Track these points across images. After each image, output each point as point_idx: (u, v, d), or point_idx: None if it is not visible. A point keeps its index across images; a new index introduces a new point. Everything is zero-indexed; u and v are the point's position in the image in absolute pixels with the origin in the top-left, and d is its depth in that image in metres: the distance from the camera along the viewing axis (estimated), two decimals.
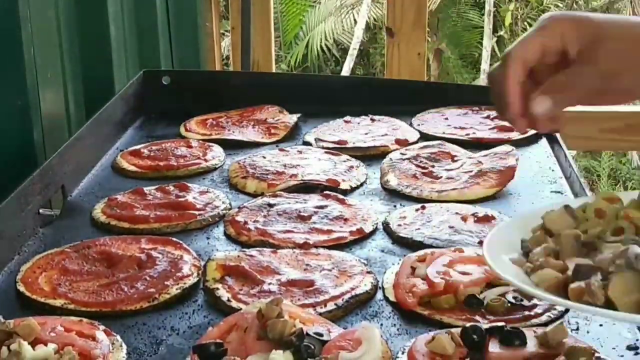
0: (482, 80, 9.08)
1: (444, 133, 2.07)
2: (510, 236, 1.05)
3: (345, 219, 1.61)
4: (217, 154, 2.01)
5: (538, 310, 1.25)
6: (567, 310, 1.26)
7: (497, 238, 1.04)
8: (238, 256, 1.44)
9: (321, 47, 10.16)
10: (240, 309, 1.25)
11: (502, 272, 0.96)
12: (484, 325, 1.14)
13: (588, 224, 1.02)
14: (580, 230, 1.02)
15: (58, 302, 1.32)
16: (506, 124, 2.10)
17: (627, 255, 0.86)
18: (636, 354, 1.16)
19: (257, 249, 1.48)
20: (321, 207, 1.65)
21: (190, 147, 2.03)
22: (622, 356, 1.15)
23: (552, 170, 1.85)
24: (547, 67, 1.06)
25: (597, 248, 0.96)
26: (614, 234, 0.98)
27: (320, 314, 1.25)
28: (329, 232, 1.56)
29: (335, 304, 1.29)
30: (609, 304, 0.87)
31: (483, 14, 9.86)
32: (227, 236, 1.58)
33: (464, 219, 1.58)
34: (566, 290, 0.91)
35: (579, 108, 1.07)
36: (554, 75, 1.04)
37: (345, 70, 9.23)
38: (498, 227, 1.10)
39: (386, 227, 1.58)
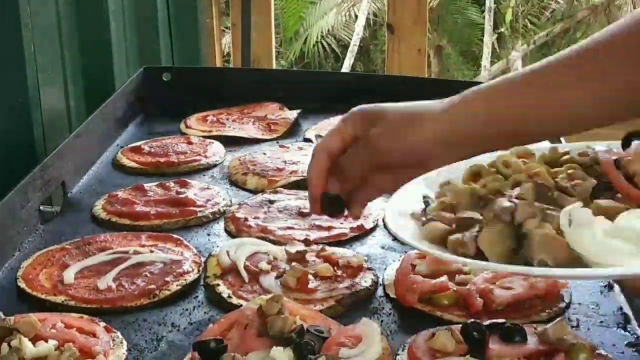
0: (482, 77, 9.09)
1: None
2: (418, 193, 1.07)
3: (346, 216, 1.61)
4: (217, 150, 2.01)
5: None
6: (567, 307, 1.27)
7: (404, 193, 1.06)
8: None
9: (321, 43, 10.16)
10: (241, 305, 1.25)
11: (393, 226, 0.98)
12: (485, 321, 1.14)
13: (488, 179, 1.01)
14: (480, 184, 1.01)
15: (58, 299, 1.33)
16: None
17: (494, 207, 0.88)
18: (636, 351, 1.16)
19: None
20: None
21: (190, 143, 2.03)
22: (622, 353, 1.15)
23: None
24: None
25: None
26: (513, 188, 0.97)
27: (321, 311, 1.25)
28: (330, 228, 1.56)
29: (336, 301, 1.29)
30: (481, 255, 0.88)
31: (484, 11, 9.85)
32: (228, 232, 1.58)
33: None
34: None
35: None
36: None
37: (346, 67, 9.23)
38: (410, 184, 1.11)
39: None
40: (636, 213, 0.85)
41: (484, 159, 1.09)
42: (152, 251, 1.46)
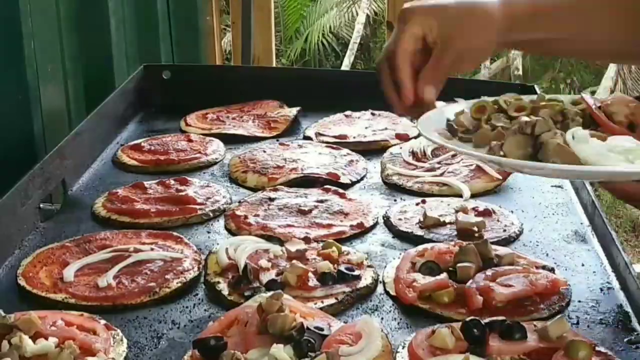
0: (482, 75, 9.08)
1: None
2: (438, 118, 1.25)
3: (346, 213, 1.61)
4: (217, 148, 2.01)
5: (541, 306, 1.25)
6: (567, 305, 1.27)
7: (428, 118, 1.23)
8: None
9: (321, 41, 10.15)
10: (241, 303, 1.25)
11: (430, 136, 1.17)
12: (485, 319, 1.14)
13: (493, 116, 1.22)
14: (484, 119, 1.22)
15: (59, 297, 1.33)
16: None
17: (519, 121, 1.13)
18: (636, 348, 1.16)
19: None
20: (321, 201, 1.66)
21: (190, 141, 2.03)
22: (622, 350, 1.16)
23: None
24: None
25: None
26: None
27: (321, 308, 1.25)
28: (330, 226, 1.56)
29: (336, 298, 1.29)
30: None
31: None
32: (228, 230, 1.58)
33: (465, 213, 1.58)
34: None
35: None
36: (425, 64, 1.26)
37: (346, 65, 9.22)
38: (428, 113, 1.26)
39: (386, 221, 1.59)
40: (621, 137, 1.08)
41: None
42: (152, 249, 1.46)
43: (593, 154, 1.05)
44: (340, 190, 1.72)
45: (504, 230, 1.52)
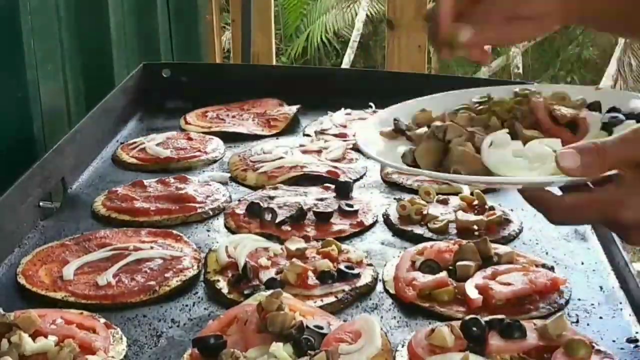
0: (482, 73, 9.08)
1: None
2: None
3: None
4: (217, 146, 2.00)
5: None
6: (567, 303, 1.27)
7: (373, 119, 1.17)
8: None
9: (322, 39, 10.15)
10: (241, 301, 1.25)
11: (364, 146, 1.07)
12: (484, 317, 1.14)
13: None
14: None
15: (58, 295, 1.33)
16: None
17: (432, 127, 1.07)
18: (636, 346, 1.16)
19: None
20: (321, 199, 1.66)
21: (190, 139, 2.03)
22: (621, 349, 1.16)
23: None
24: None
25: None
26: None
27: (320, 307, 1.25)
28: (329, 224, 1.56)
29: (335, 297, 1.29)
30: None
31: None
32: (228, 228, 1.58)
33: (465, 211, 1.58)
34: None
35: None
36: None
37: (346, 63, 9.22)
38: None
39: (386, 219, 1.59)
40: (545, 140, 1.00)
41: None
42: (152, 247, 1.46)
43: (498, 160, 0.97)
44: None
45: None
